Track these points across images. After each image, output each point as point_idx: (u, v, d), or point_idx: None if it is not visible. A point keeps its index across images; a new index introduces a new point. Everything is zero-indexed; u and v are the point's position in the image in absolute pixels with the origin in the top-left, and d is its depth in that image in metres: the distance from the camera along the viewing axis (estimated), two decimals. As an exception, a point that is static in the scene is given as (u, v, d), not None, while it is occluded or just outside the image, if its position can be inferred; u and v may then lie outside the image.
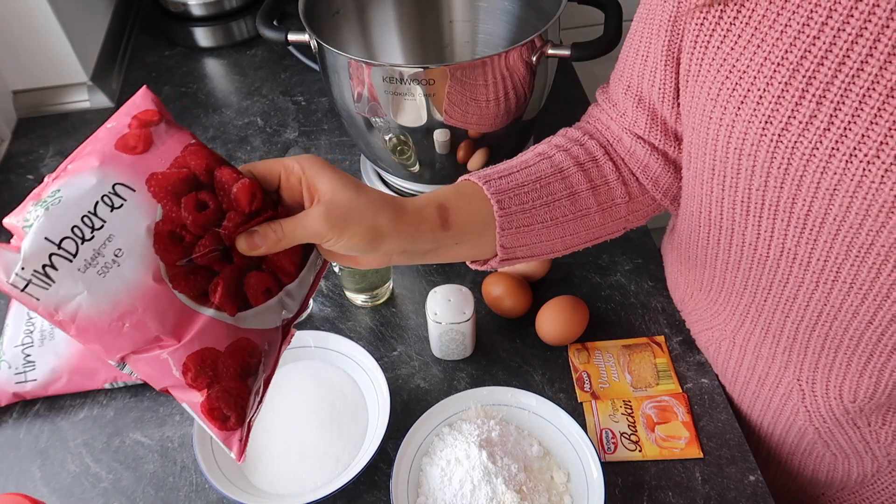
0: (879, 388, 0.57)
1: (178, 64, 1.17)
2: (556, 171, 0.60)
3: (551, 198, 0.59)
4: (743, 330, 0.64)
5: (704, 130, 0.52)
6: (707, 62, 0.51)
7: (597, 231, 0.62)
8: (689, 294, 0.71)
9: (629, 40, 0.60)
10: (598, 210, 0.61)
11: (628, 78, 0.61)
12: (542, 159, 0.61)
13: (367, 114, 0.76)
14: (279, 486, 0.64)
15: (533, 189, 0.58)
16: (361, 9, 0.88)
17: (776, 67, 0.46)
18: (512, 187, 0.57)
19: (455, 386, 0.72)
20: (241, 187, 0.44)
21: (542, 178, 0.59)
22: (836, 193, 0.46)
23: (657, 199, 0.64)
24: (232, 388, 0.44)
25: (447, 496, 0.61)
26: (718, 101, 0.50)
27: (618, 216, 0.63)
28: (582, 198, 0.60)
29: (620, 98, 0.62)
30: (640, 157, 0.62)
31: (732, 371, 0.69)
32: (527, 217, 0.57)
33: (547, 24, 0.72)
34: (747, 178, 0.51)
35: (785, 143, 0.47)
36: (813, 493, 0.73)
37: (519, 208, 0.57)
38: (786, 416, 0.66)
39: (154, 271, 0.42)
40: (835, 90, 0.44)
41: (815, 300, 0.54)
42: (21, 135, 1.05)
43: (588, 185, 0.60)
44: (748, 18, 0.47)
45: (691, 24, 0.51)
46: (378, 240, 0.48)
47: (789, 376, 0.62)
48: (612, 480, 0.64)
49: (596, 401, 0.70)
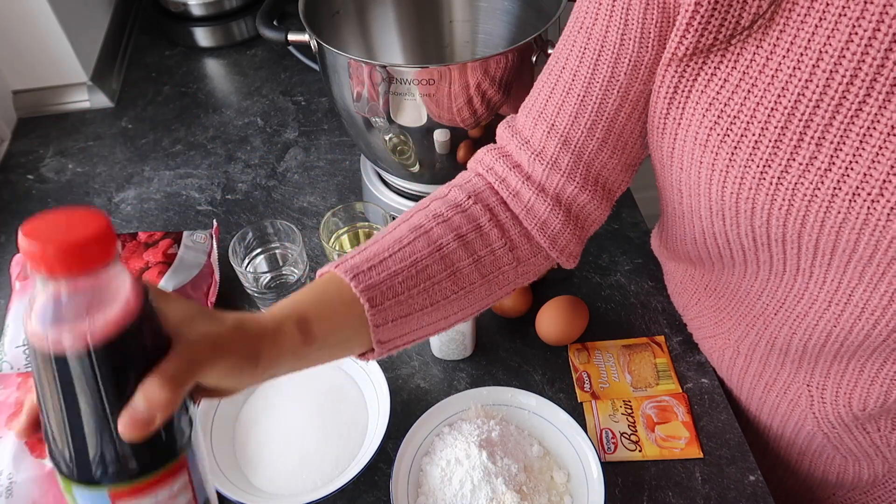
0: (891, 397, 0.56)
1: (178, 64, 1.17)
2: (434, 250, 0.53)
3: (430, 282, 0.52)
4: (748, 340, 0.64)
5: (696, 174, 0.51)
6: (690, 108, 0.49)
7: (482, 302, 0.57)
8: (694, 300, 0.71)
9: (555, 78, 0.55)
10: (482, 283, 0.55)
11: (552, 117, 0.55)
12: (418, 236, 0.53)
13: (366, 114, 0.76)
14: (279, 486, 0.64)
15: (408, 276, 0.51)
16: (361, 9, 0.88)
17: (770, 112, 0.45)
18: (383, 279, 0.50)
19: (455, 386, 0.72)
20: None
21: (419, 262, 0.52)
22: (843, 230, 0.45)
23: (552, 257, 0.59)
24: None
25: (447, 496, 0.61)
26: (708, 146, 0.48)
27: (504, 283, 0.57)
28: (464, 274, 0.54)
29: (538, 137, 0.56)
30: (539, 213, 0.56)
31: (738, 377, 0.69)
32: (403, 308, 0.51)
33: (547, 24, 0.72)
34: (748, 218, 0.50)
35: (785, 186, 0.45)
36: (824, 494, 0.73)
37: (393, 301, 0.50)
38: (794, 420, 0.66)
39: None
40: (834, 131, 0.43)
41: (825, 319, 0.53)
42: (21, 135, 1.05)
43: (470, 260, 0.54)
44: (735, 63, 0.46)
45: (671, 70, 0.49)
46: (240, 371, 0.41)
47: (798, 382, 0.62)
48: (612, 480, 0.64)
49: (596, 401, 0.70)
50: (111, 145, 1.03)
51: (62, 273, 0.30)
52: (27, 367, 0.71)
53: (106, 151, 1.02)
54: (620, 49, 0.50)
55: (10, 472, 0.61)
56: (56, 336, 0.31)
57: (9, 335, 0.73)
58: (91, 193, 0.96)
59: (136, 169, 0.99)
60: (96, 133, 1.05)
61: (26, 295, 0.76)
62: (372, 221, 0.79)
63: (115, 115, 1.08)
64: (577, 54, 0.53)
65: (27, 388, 0.67)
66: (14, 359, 0.72)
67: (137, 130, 1.05)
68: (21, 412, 0.37)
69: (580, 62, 0.53)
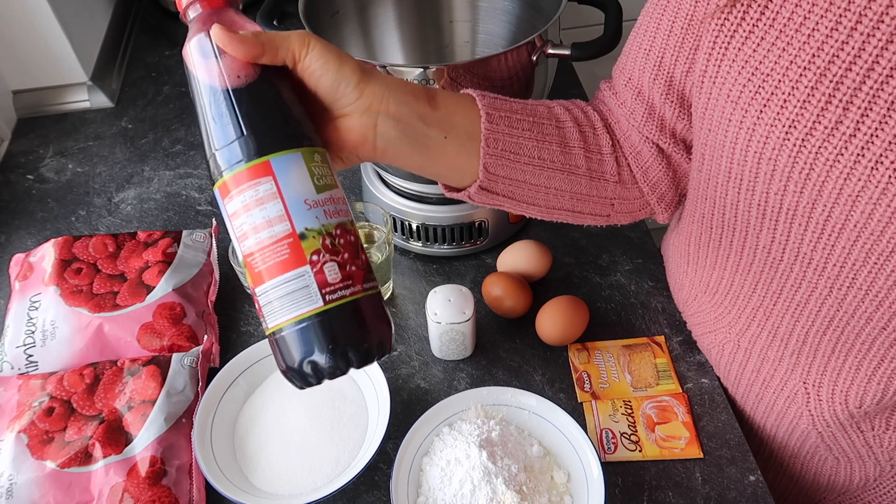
0: (888, 394, 0.56)
1: (178, 64, 1.17)
2: (552, 118, 0.58)
3: (543, 137, 0.56)
4: (749, 333, 0.64)
5: (723, 133, 0.51)
6: (727, 64, 0.50)
7: (581, 202, 0.60)
8: (693, 296, 0.71)
9: (634, 33, 0.59)
10: (586, 174, 0.58)
11: (629, 71, 0.60)
12: (541, 105, 0.59)
13: (367, 114, 0.75)
14: (279, 486, 0.64)
15: (526, 121, 0.55)
16: (361, 9, 0.88)
17: (802, 71, 0.45)
18: (505, 110, 0.55)
19: (455, 386, 0.72)
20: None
21: (538, 118, 0.56)
22: (859, 200, 0.45)
23: (644, 194, 0.63)
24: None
25: (447, 496, 0.61)
26: (739, 103, 0.49)
27: (604, 194, 0.60)
28: (574, 154, 0.58)
29: (621, 89, 0.61)
30: (635, 144, 0.61)
31: (736, 374, 0.69)
32: (514, 144, 0.54)
33: (547, 24, 0.72)
34: (766, 182, 0.50)
35: (808, 148, 0.46)
36: (815, 497, 0.73)
37: (508, 131, 0.54)
38: (789, 419, 0.66)
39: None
40: (862, 96, 0.43)
41: (827, 305, 0.53)
42: (21, 135, 1.05)
43: (582, 145, 0.58)
44: (772, 21, 0.46)
45: (711, 26, 0.50)
46: (365, 74, 0.46)
47: (795, 379, 0.62)
48: (612, 480, 0.64)
49: (596, 401, 0.70)
50: (111, 145, 1.03)
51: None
52: (27, 368, 0.71)
53: (106, 151, 1.02)
54: (681, 2, 0.52)
55: (11, 474, 0.61)
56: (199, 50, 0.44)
57: (9, 335, 0.73)
58: (91, 193, 0.96)
59: (136, 169, 0.99)
60: (96, 133, 1.05)
61: (26, 295, 0.76)
62: (372, 221, 0.79)
63: (115, 115, 1.08)
64: (650, 10, 0.57)
65: (27, 390, 0.67)
66: (14, 359, 0.72)
67: (137, 130, 1.05)
68: (23, 415, 0.38)
69: (650, 17, 0.56)
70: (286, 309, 0.40)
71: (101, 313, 0.74)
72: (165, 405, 0.66)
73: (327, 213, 0.42)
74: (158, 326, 0.73)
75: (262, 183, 0.41)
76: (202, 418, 0.65)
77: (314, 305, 0.40)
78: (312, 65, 0.45)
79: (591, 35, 0.73)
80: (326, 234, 0.41)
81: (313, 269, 0.40)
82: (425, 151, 0.51)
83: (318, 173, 0.43)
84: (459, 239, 0.83)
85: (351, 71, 0.46)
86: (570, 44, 0.73)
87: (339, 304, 0.40)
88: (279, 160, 0.42)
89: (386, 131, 0.48)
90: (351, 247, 0.42)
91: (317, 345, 0.40)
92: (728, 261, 0.61)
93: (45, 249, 0.80)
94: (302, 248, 0.40)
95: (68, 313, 0.73)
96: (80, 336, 0.72)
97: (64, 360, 0.72)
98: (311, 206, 0.41)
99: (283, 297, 0.41)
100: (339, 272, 0.41)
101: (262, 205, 0.41)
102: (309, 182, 0.42)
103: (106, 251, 0.80)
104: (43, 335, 0.73)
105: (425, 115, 0.50)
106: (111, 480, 0.61)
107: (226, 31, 0.43)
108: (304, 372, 0.41)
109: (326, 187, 0.43)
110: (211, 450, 0.64)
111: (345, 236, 0.42)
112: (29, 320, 0.74)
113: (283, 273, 0.41)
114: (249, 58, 0.43)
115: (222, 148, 0.43)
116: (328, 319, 0.40)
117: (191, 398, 0.68)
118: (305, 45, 0.45)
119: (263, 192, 0.41)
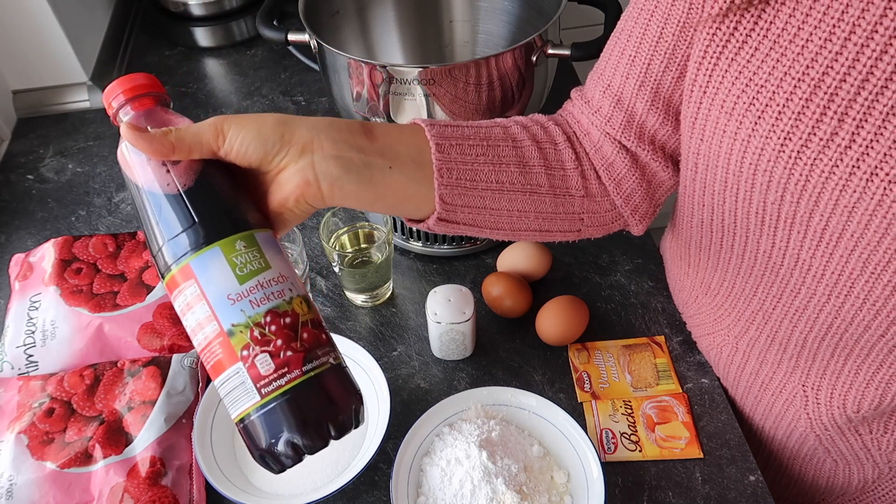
0: (886, 399, 0.56)
1: (178, 64, 1.17)
2: (508, 139, 0.55)
3: (499, 160, 0.53)
4: (748, 336, 0.64)
5: (717, 143, 0.51)
6: (719, 74, 0.49)
7: (548, 220, 0.57)
8: (692, 297, 0.71)
9: (614, 40, 0.57)
10: (549, 192, 0.56)
11: (609, 78, 0.57)
12: (496, 126, 0.56)
13: (367, 114, 0.76)
14: (279, 486, 0.64)
15: (479, 146, 0.53)
16: (361, 9, 0.88)
17: (796, 83, 0.44)
18: (456, 137, 0.52)
19: (455, 386, 0.72)
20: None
21: (492, 140, 0.54)
22: (855, 211, 0.45)
23: (617, 206, 0.60)
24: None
25: (447, 496, 0.61)
26: (733, 115, 0.48)
27: (572, 210, 0.58)
28: (534, 173, 0.55)
29: (597, 97, 0.59)
30: (607, 155, 0.58)
31: (734, 375, 0.69)
32: (469, 171, 0.52)
33: (547, 24, 0.72)
34: (762, 193, 0.50)
35: (804, 160, 0.45)
36: (814, 498, 0.73)
37: (461, 158, 0.52)
38: (787, 421, 0.66)
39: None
40: (857, 107, 0.43)
41: (825, 311, 0.53)
42: (21, 135, 1.05)
43: (542, 163, 0.55)
44: (766, 31, 0.46)
45: (702, 34, 0.49)
46: (287, 125, 0.45)
47: (794, 382, 0.62)
48: (612, 480, 0.64)
49: (596, 401, 0.70)
50: (111, 145, 1.03)
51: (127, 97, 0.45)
52: (27, 368, 0.71)
53: (106, 151, 1.02)
54: (671, 8, 0.51)
55: (11, 475, 0.61)
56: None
57: (9, 335, 0.73)
58: (91, 193, 0.96)
59: (136, 169, 0.99)
60: (96, 133, 1.05)
61: (26, 295, 0.76)
62: (372, 221, 0.79)
63: (115, 115, 1.08)
64: (634, 15, 0.55)
65: (28, 392, 0.67)
66: (14, 359, 0.72)
67: (137, 130, 1.05)
68: (23, 416, 0.38)
69: (635, 23, 0.54)
70: (234, 405, 0.41)
71: (102, 313, 0.74)
72: (165, 406, 0.66)
73: (253, 302, 0.41)
74: (159, 326, 0.73)
75: (188, 287, 0.41)
76: (202, 418, 0.65)
77: (252, 401, 0.40)
78: (234, 146, 0.44)
79: (591, 35, 0.73)
80: (254, 326, 0.40)
81: (245, 364, 0.40)
82: (372, 185, 0.48)
83: (240, 262, 0.41)
84: (459, 239, 0.83)
85: (271, 130, 0.44)
86: (570, 44, 0.73)
87: (276, 394, 0.40)
88: (198, 261, 0.41)
89: (326, 169, 0.45)
90: (285, 331, 0.41)
91: (261, 438, 0.40)
92: (728, 264, 0.61)
93: (45, 249, 0.80)
94: (232, 346, 0.40)
95: (68, 313, 0.73)
96: (80, 336, 0.72)
97: (64, 360, 0.72)
98: (234, 301, 0.40)
99: (228, 394, 0.41)
100: (272, 362, 0.40)
101: (192, 308, 0.41)
102: (230, 275, 0.41)
103: (106, 251, 0.80)
104: (43, 335, 0.73)
105: (363, 146, 0.47)
106: (111, 481, 0.61)
107: (133, 130, 0.42)
108: (265, 462, 0.41)
109: (252, 274, 0.41)
110: (211, 450, 0.64)
111: (276, 322, 0.41)
112: (29, 320, 0.74)
113: (223, 372, 0.40)
114: (160, 156, 0.42)
115: (156, 254, 0.43)
116: (266, 413, 0.40)
117: (191, 399, 0.68)
118: (219, 132, 0.44)
119: (190, 296, 0.41)
